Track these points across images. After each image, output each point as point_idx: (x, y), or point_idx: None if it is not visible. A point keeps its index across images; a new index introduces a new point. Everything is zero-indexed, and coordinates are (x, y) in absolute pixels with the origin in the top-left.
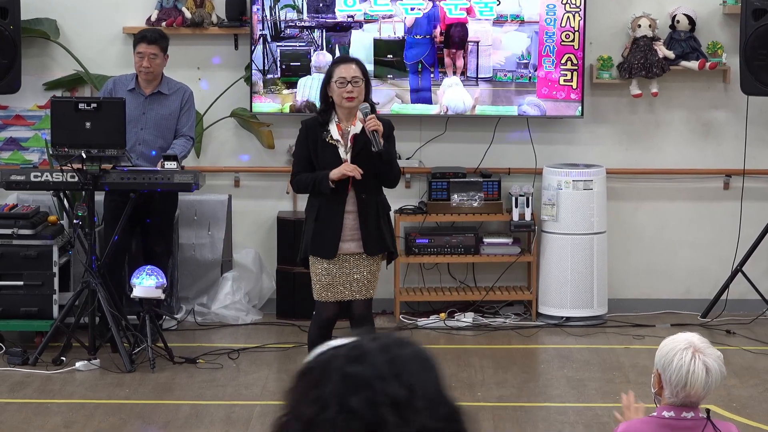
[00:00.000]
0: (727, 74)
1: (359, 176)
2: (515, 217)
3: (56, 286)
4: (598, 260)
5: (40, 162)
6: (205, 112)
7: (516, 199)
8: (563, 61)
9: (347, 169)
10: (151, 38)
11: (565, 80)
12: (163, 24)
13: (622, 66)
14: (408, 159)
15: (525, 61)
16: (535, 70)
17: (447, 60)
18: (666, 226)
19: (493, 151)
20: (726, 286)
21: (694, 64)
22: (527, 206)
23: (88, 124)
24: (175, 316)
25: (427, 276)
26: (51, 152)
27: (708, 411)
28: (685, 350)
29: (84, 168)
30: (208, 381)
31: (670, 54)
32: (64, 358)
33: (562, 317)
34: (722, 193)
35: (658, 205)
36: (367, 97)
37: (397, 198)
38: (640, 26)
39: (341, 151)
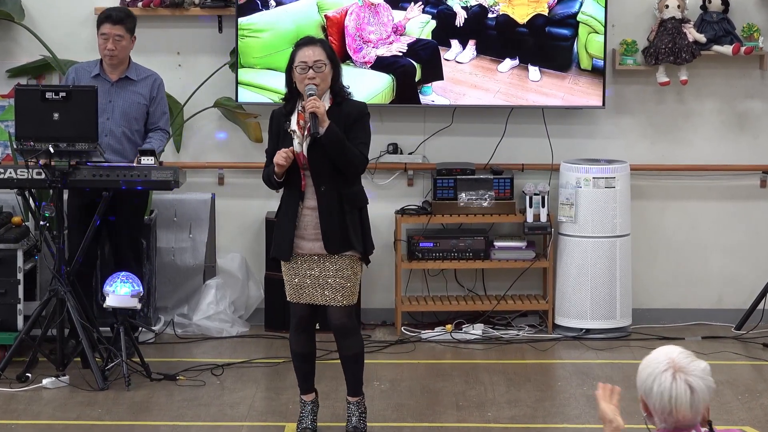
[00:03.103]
0: (764, 60)
1: (285, 162)
2: (529, 219)
3: (21, 295)
4: (621, 266)
5: (3, 157)
6: (186, 101)
7: (530, 199)
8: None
9: (278, 158)
10: (116, 18)
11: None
12: (140, 4)
13: (648, 51)
14: (411, 154)
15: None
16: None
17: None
18: (696, 228)
19: (505, 146)
20: (763, 295)
21: (727, 49)
22: (543, 206)
23: (56, 115)
24: (153, 327)
25: (432, 283)
26: (15, 146)
27: (710, 423)
28: (664, 372)
29: (52, 164)
30: (189, 400)
31: (701, 37)
32: (29, 375)
33: (582, 329)
34: (759, 191)
35: (687, 204)
36: (337, 82)
37: (399, 197)
38: (667, 7)
39: (295, 142)
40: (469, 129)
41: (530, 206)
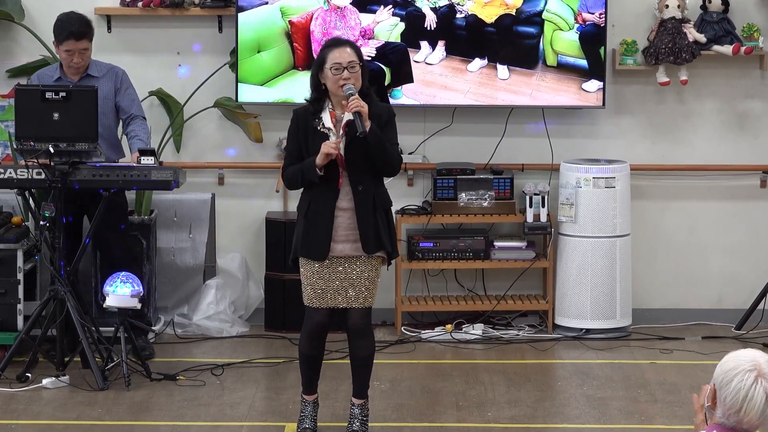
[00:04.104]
0: (764, 60)
1: (335, 153)
2: (529, 219)
3: (21, 295)
4: (622, 266)
5: (3, 157)
6: (186, 101)
7: (530, 199)
8: None
9: (327, 148)
10: (78, 33)
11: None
12: (140, 4)
13: (648, 51)
14: (411, 154)
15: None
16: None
17: None
18: (696, 229)
19: (505, 146)
20: (763, 295)
21: (727, 49)
22: (543, 206)
23: (56, 116)
24: (153, 327)
25: (432, 283)
26: (15, 146)
27: None
28: (748, 372)
29: (52, 164)
30: (189, 400)
31: (701, 37)
32: (29, 375)
33: (582, 329)
34: (759, 191)
35: (687, 204)
36: (364, 83)
37: (399, 197)
38: (667, 6)
39: (332, 139)
40: (469, 129)
41: (530, 206)
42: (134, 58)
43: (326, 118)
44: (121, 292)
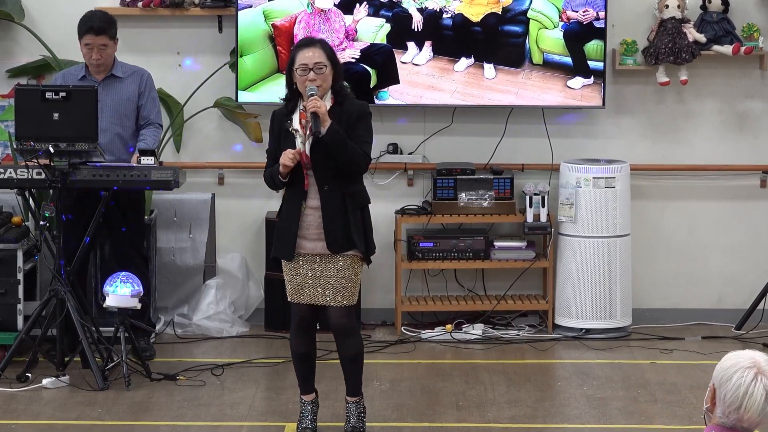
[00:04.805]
0: (764, 60)
1: (292, 163)
2: (529, 219)
3: (21, 295)
4: (622, 266)
5: (3, 157)
6: (186, 101)
7: (530, 199)
8: None
9: (285, 159)
10: (98, 29)
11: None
12: (140, 4)
13: (648, 51)
14: (411, 154)
15: None
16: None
17: None
18: (696, 229)
19: (505, 146)
20: (763, 295)
21: (727, 49)
22: (543, 206)
23: (56, 115)
24: (154, 329)
25: (432, 283)
26: (15, 146)
27: None
28: (747, 369)
29: (52, 164)
30: (189, 400)
31: (701, 37)
32: (29, 375)
33: (582, 329)
34: (759, 191)
35: (687, 204)
36: (337, 82)
37: (399, 197)
38: (667, 6)
39: (298, 141)
40: (469, 129)
41: (530, 206)
42: (134, 58)
43: (295, 120)
44: (121, 292)
